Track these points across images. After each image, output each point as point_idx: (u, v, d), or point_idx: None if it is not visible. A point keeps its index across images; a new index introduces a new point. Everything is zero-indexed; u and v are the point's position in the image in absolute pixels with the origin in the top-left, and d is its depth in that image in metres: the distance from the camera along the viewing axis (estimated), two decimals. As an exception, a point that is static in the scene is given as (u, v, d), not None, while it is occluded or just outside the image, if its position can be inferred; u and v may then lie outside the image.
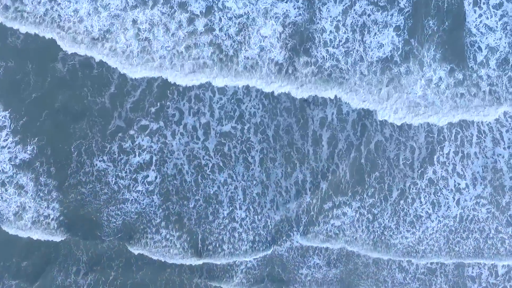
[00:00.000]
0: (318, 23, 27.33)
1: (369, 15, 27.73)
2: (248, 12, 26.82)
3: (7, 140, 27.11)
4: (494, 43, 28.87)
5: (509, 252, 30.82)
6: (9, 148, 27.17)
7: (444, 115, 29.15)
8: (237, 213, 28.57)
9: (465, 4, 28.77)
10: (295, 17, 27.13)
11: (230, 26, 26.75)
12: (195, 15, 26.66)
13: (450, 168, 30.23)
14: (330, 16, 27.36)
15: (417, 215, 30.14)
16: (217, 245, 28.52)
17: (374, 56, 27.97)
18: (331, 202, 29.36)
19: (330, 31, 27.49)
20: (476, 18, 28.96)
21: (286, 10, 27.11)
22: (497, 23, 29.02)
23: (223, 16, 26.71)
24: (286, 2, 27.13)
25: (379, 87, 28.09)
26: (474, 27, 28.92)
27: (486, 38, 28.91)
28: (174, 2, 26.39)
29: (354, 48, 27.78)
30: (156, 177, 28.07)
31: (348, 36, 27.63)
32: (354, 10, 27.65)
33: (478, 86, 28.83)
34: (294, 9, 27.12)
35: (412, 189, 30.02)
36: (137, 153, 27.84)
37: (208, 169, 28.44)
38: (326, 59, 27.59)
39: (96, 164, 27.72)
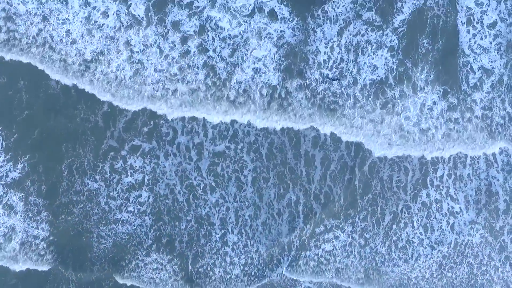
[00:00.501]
0: (312, 44, 27.15)
1: (363, 35, 27.54)
2: (242, 32, 26.62)
3: (-2, 158, 26.78)
4: (489, 65, 28.66)
5: (503, 280, 30.50)
6: (0, 166, 26.80)
7: (439, 149, 29.02)
8: (229, 237, 28.19)
9: (458, 24, 28.59)
10: (289, 37, 26.93)
11: (223, 47, 26.53)
12: (189, 35, 26.43)
13: (444, 191, 29.95)
14: (325, 38, 27.17)
15: (409, 240, 29.82)
16: (208, 269, 28.08)
17: (367, 78, 27.76)
18: (323, 226, 29.02)
19: (325, 52, 27.29)
20: (470, 38, 28.77)
21: (281, 31, 26.92)
22: (491, 44, 28.83)
23: (215, 36, 26.48)
24: (281, 22, 26.95)
25: (372, 117, 27.90)
26: (468, 48, 28.71)
27: (481, 59, 28.70)
28: (168, 21, 26.18)
29: (348, 70, 27.57)
30: (148, 197, 27.70)
31: (342, 56, 27.45)
32: (348, 30, 27.47)
33: (471, 110, 28.59)
34: (289, 29, 26.94)
35: (405, 213, 29.71)
36: (129, 173, 27.48)
37: (200, 189, 28.08)
38: (320, 82, 27.36)
39: (88, 184, 27.34)
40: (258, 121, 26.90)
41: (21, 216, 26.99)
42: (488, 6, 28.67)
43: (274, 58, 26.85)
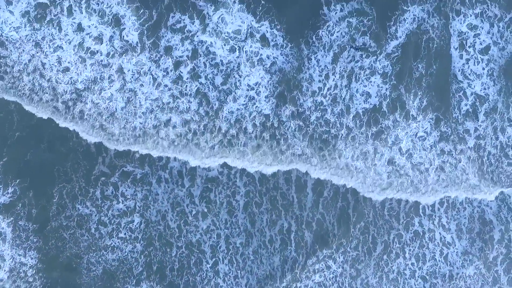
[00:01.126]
0: (306, 72, 26.88)
1: (357, 61, 27.25)
2: (235, 59, 26.35)
3: (-13, 182, 26.30)
4: (482, 92, 28.34)
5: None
6: (-12, 191, 26.38)
7: (433, 193, 28.69)
8: (220, 267, 27.77)
9: (451, 48, 28.25)
10: (283, 64, 26.67)
11: (216, 74, 26.28)
12: (182, 60, 26.15)
13: (436, 221, 29.66)
14: (319, 66, 26.91)
15: (400, 272, 29.45)
16: (199, 299, 27.74)
17: (360, 107, 27.44)
18: (315, 256, 28.66)
19: (319, 81, 26.99)
20: (463, 64, 28.40)
21: (274, 58, 26.66)
22: (483, 69, 28.45)
23: (207, 62, 26.20)
24: (274, 49, 26.66)
25: (364, 149, 27.59)
26: (460, 74, 28.35)
27: (474, 86, 28.37)
28: (161, 46, 25.92)
29: (341, 97, 27.28)
30: (140, 223, 27.34)
31: (336, 83, 27.17)
32: (343, 57, 27.17)
33: (464, 140, 28.30)
34: (282, 56, 26.67)
35: (396, 243, 29.36)
36: (121, 200, 27.14)
37: (191, 216, 27.73)
38: (312, 110, 27.04)
39: (79, 209, 26.98)
40: (251, 166, 26.62)
41: (9, 243, 26.54)
42: (482, 28, 28.30)
43: (267, 86, 26.57)
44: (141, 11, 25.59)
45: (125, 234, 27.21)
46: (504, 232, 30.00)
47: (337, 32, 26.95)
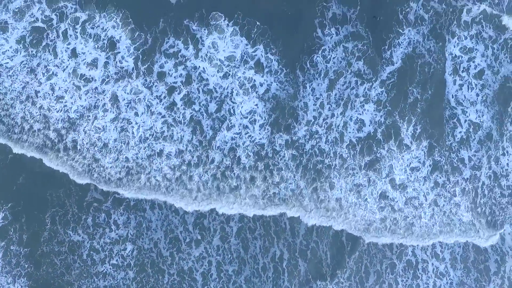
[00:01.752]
0: (301, 100, 26.66)
1: (352, 88, 27.01)
2: (228, 85, 26.21)
3: (-21, 207, 26.12)
4: (476, 119, 28.03)
5: None
6: (-20, 216, 26.20)
7: (427, 234, 28.47)
8: (212, 296, 27.56)
9: (446, 73, 27.92)
10: (277, 91, 26.47)
11: (209, 101, 26.12)
12: (176, 86, 26.00)
13: (429, 251, 29.34)
14: (314, 95, 26.71)
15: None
16: (190, 330, 27.39)
17: (354, 136, 27.18)
18: (308, 287, 28.34)
19: (314, 109, 26.74)
20: (456, 90, 28.07)
21: (268, 84, 26.47)
22: (478, 95, 28.09)
23: (201, 88, 26.05)
24: (268, 75, 26.47)
25: (356, 181, 27.20)
26: (454, 100, 28.00)
27: (469, 113, 28.03)
28: (154, 72, 25.83)
29: (336, 124, 27.04)
30: (132, 250, 27.11)
31: (332, 113, 26.89)
32: (338, 83, 26.93)
33: (459, 170, 28.00)
34: (276, 83, 26.48)
35: (389, 273, 29.07)
36: (113, 229, 26.94)
37: (185, 243, 27.50)
38: (307, 139, 26.77)
39: (71, 235, 26.78)
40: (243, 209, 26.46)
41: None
42: (477, 51, 27.99)
43: (262, 114, 26.29)
44: (136, 33, 25.47)
45: (117, 260, 26.96)
46: (500, 264, 29.62)
47: (333, 58, 26.74)
